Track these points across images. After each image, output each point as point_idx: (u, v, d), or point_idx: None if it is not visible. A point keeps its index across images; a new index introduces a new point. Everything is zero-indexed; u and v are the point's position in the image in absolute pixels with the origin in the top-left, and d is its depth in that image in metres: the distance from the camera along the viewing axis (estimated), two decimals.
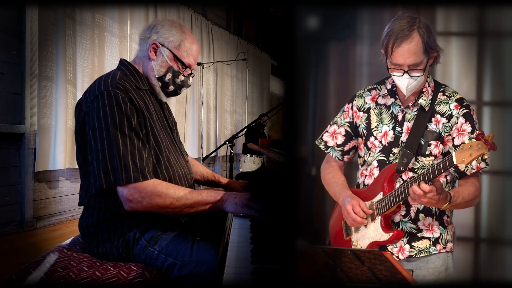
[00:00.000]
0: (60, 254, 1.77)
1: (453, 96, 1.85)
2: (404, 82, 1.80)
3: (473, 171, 1.80)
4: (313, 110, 3.05)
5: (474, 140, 1.51)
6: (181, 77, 2.04)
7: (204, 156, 6.71)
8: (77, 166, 1.93)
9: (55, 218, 5.19)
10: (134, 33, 6.37)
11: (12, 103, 4.63)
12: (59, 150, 5.01)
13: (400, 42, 1.74)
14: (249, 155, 7.67)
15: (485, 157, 1.53)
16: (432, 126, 1.85)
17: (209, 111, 8.86)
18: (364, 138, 2.05)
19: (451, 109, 1.82)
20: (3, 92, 4.53)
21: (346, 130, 2.10)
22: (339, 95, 3.04)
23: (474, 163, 1.76)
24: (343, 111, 2.13)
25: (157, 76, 1.99)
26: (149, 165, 1.72)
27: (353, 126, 2.09)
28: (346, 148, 2.11)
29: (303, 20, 2.72)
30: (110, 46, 5.97)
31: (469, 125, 1.79)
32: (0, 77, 4.49)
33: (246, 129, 6.11)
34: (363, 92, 2.09)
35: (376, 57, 1.88)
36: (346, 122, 2.10)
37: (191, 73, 2.10)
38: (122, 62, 2.02)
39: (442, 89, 1.89)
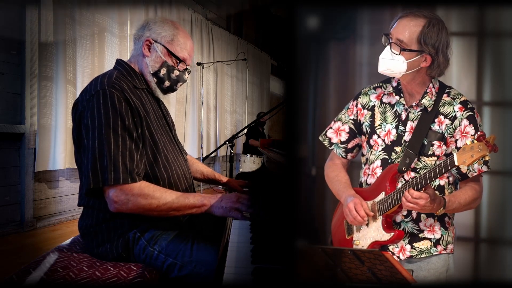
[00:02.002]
0: (60, 254, 1.77)
1: (458, 98, 1.85)
2: (383, 54, 1.81)
3: (475, 173, 1.80)
4: (313, 110, 3.05)
5: (475, 141, 1.52)
6: (176, 72, 2.04)
7: (204, 156, 6.71)
8: (76, 166, 1.93)
9: (55, 218, 5.20)
10: None
11: (12, 103, 4.63)
12: (59, 150, 5.02)
13: (404, 17, 1.78)
14: (249, 155, 7.66)
15: (486, 158, 1.53)
16: (435, 127, 1.85)
17: (209, 111, 8.86)
18: (367, 136, 2.05)
19: (455, 111, 1.82)
20: (3, 92, 4.53)
21: (350, 128, 2.10)
22: (339, 95, 3.04)
23: (476, 166, 1.76)
24: (348, 108, 2.13)
25: (151, 72, 1.99)
26: (139, 166, 1.72)
27: (357, 123, 2.09)
28: (350, 145, 2.11)
29: (303, 20, 2.72)
30: (110, 46, 5.97)
31: (473, 127, 1.79)
32: (0, 77, 4.49)
33: (246, 129, 6.11)
34: (368, 90, 2.09)
35: (376, 57, 1.88)
36: (350, 119, 2.10)
37: (186, 68, 2.10)
38: (119, 62, 2.03)
39: (447, 90, 1.89)
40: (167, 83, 2.04)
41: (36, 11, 4.76)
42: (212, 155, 8.79)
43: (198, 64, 7.08)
